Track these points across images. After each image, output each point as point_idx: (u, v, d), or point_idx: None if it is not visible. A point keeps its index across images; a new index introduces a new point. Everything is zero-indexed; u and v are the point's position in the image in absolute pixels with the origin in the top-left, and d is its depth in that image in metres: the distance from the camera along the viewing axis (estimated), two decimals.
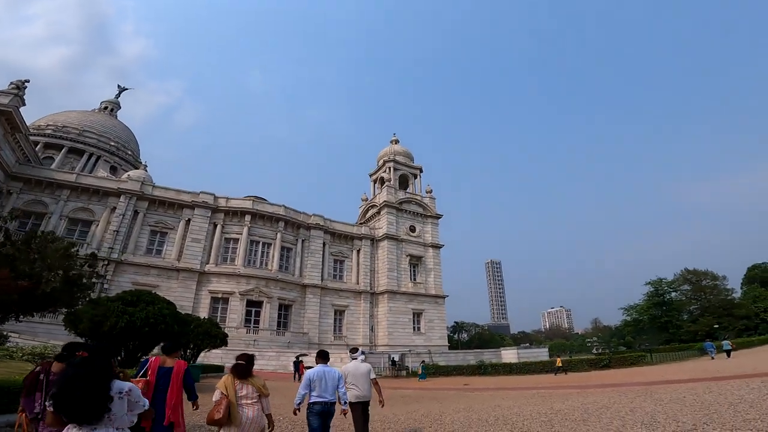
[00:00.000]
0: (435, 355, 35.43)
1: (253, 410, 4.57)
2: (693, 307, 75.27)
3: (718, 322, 64.31)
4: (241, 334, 36.58)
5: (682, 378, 14.88)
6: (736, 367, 17.74)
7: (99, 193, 40.00)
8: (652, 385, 13.12)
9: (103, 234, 38.52)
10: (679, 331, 69.89)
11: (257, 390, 4.67)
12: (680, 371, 19.00)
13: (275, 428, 5.12)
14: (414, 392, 16.26)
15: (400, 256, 51.58)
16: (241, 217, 44.19)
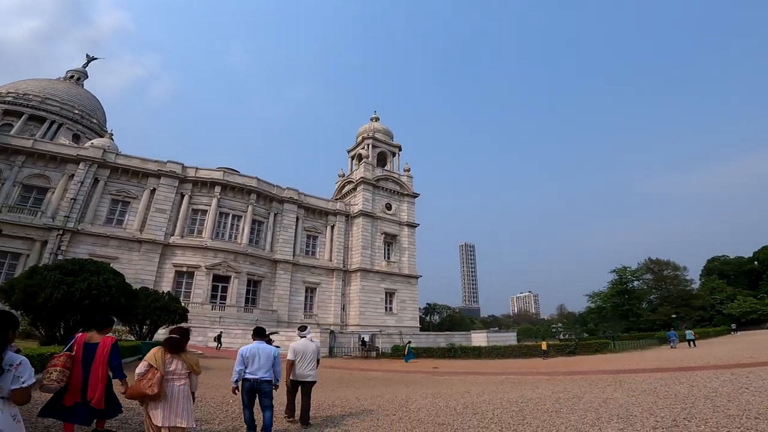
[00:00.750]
0: (406, 337, 35.28)
1: (180, 385, 4.41)
2: (653, 296, 78.41)
3: (675, 312, 67.27)
4: (206, 310, 35.30)
5: (649, 367, 14.91)
6: (698, 357, 18.05)
7: (57, 160, 37.34)
8: (620, 374, 12.98)
9: (59, 202, 36.06)
10: (639, 320, 72.82)
11: (188, 367, 4.51)
12: (645, 360, 19.27)
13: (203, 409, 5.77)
14: (382, 375, 15.74)
15: (375, 234, 50.94)
16: (210, 188, 42.21)
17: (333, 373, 16.57)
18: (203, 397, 9.09)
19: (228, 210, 42.46)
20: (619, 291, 78.24)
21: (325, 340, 29.61)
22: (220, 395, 9.54)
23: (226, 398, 9.07)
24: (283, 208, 46.79)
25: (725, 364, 13.96)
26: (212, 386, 11.02)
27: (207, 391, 10.08)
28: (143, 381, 4.20)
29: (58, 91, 59.05)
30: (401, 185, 55.91)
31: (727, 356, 17.12)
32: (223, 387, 10.72)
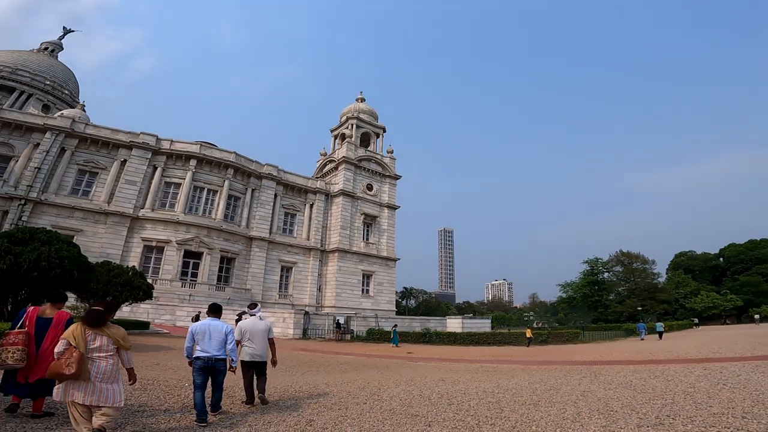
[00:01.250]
0: (382, 320, 35.12)
1: (107, 363, 4.11)
2: (621, 288, 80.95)
3: (641, 305, 69.71)
4: (176, 287, 34.12)
5: (621, 359, 14.98)
6: (667, 350, 18.37)
7: (22, 129, 35.41)
8: (594, 365, 12.92)
9: (23, 171, 34.15)
10: (607, 311, 75.26)
11: (115, 342, 4.19)
12: (615, 351, 19.53)
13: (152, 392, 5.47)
14: (355, 359, 15.32)
15: (355, 214, 50.29)
16: (185, 161, 40.54)
17: (304, 356, 16.06)
18: (157, 379, 8.38)
19: (203, 184, 40.90)
20: (590, 282, 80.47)
21: (299, 321, 29.07)
22: (176, 378, 8.84)
23: (182, 381, 8.38)
24: (262, 184, 45.45)
25: (694, 358, 14.12)
26: (170, 368, 10.30)
27: (163, 372, 9.37)
28: (61, 359, 3.90)
29: (30, 62, 58.33)
30: (383, 166, 55.15)
31: (694, 350, 17.47)
32: (182, 369, 10.02)
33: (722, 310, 65.49)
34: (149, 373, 9.25)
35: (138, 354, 12.18)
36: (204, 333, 5.52)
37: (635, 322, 57.37)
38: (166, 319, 28.36)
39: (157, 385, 7.94)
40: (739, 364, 11.64)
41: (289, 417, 5.89)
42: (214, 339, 5.52)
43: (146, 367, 10.07)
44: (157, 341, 16.93)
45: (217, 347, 5.52)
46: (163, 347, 14.21)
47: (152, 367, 10.13)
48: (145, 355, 12.34)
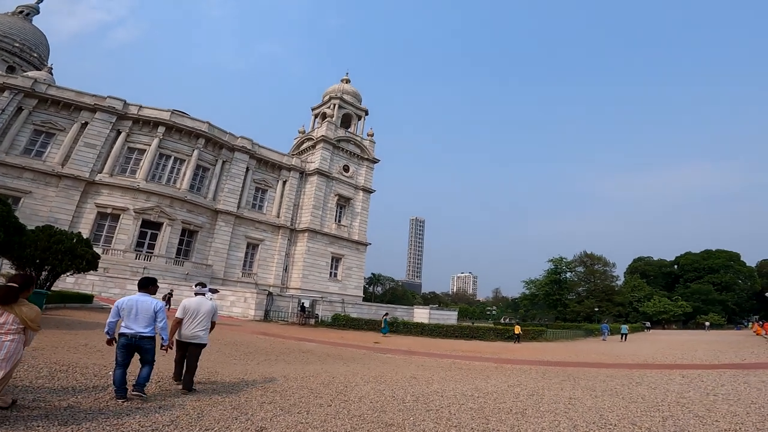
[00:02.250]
0: (348, 306, 34.22)
1: (11, 343, 3.86)
2: (581, 288, 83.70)
3: (598, 306, 72.24)
4: (129, 259, 31.78)
5: (591, 361, 14.68)
6: (632, 353, 18.39)
7: None
8: (567, 367, 12.45)
9: None
10: (566, 310, 77.67)
11: (21, 321, 3.93)
12: (582, 352, 19.43)
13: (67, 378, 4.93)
14: (320, 347, 14.22)
15: (329, 195, 48.80)
16: (153, 128, 37.84)
17: (264, 341, 14.84)
18: (77, 364, 6.99)
19: (170, 152, 38.28)
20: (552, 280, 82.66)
21: (261, 301, 27.67)
22: (102, 363, 7.46)
23: (106, 369, 7.01)
24: (234, 157, 43.11)
25: (665, 363, 13.97)
26: (99, 350, 8.87)
27: (88, 356, 7.99)
28: None
29: (2, 24, 56.17)
30: (362, 149, 53.68)
31: (659, 355, 17.53)
32: (111, 353, 8.64)
33: (671, 316, 68.77)
34: (70, 356, 7.80)
35: (66, 332, 10.63)
36: (131, 309, 5.17)
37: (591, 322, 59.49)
38: (114, 293, 26.21)
39: (76, 370, 6.57)
40: (714, 372, 11.43)
41: (235, 422, 4.76)
42: (141, 316, 5.17)
43: (69, 349, 8.58)
44: (96, 317, 15.18)
45: (144, 324, 5.16)
46: (100, 324, 12.62)
47: (77, 348, 8.66)
48: (74, 334, 10.75)
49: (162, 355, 6.97)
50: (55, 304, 17.27)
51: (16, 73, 47.10)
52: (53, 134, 34.68)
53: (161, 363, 7.32)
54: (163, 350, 5.50)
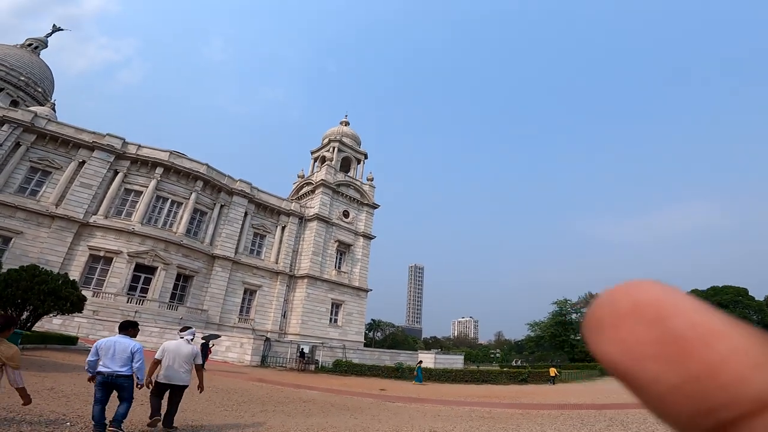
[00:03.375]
0: (350, 351, 32.43)
1: None
2: None
3: None
4: (120, 302, 30.42)
5: (627, 402, 13.29)
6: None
7: None
8: (605, 410, 11.18)
9: None
10: (574, 350, 74.95)
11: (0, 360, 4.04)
12: (611, 391, 17.87)
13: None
14: (321, 395, 12.89)
15: (328, 241, 47.91)
16: (151, 168, 37.67)
17: (260, 388, 13.51)
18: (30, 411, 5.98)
19: (168, 195, 37.90)
20: (558, 322, 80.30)
21: (258, 347, 26.09)
22: (64, 410, 6.44)
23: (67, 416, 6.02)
24: (232, 201, 42.73)
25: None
26: (64, 395, 7.82)
27: (49, 401, 6.93)
28: None
29: (9, 57, 55.38)
30: (362, 194, 53.52)
31: None
32: (80, 397, 7.60)
33: None
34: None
35: (35, 374, 9.50)
36: (108, 349, 5.41)
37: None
38: (103, 335, 24.66)
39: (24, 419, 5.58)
40: None
41: None
42: (117, 356, 5.38)
43: (30, 393, 7.53)
44: (75, 360, 13.94)
45: (121, 364, 5.36)
46: (78, 367, 11.47)
47: (40, 392, 7.58)
48: (43, 376, 9.62)
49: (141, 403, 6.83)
50: (34, 344, 16.15)
51: (19, 108, 47.57)
52: (49, 172, 34.21)
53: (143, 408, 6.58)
54: (137, 387, 5.62)
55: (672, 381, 0.12)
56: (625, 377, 0.13)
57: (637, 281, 0.15)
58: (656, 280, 0.16)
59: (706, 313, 0.13)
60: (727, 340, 0.12)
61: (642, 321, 0.14)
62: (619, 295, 0.15)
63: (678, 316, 0.13)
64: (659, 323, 0.13)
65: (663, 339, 0.13)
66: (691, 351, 0.13)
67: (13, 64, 54.93)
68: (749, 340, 0.12)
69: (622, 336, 0.14)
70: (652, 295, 0.14)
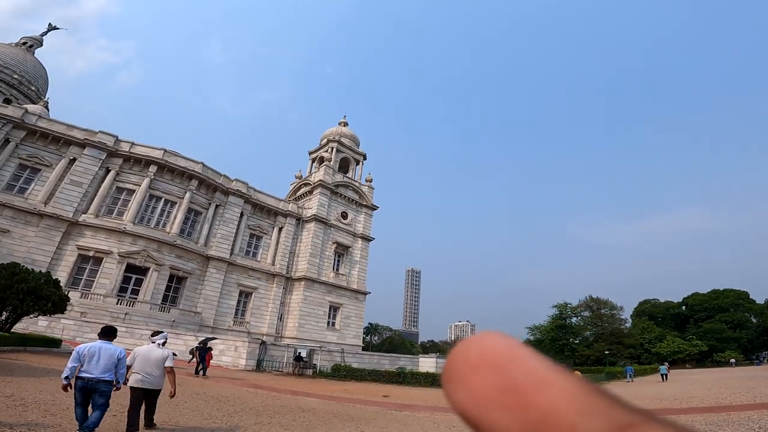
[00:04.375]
0: (348, 355, 31.39)
1: None
2: (589, 333, 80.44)
3: (608, 349, 68.91)
4: (109, 304, 29.27)
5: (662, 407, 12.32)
6: (690, 395, 15.95)
7: None
8: None
9: None
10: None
11: None
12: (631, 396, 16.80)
13: None
14: (321, 403, 11.86)
15: (326, 242, 46.86)
16: (145, 167, 36.65)
17: (254, 396, 12.46)
18: None
19: (161, 194, 36.84)
20: (558, 325, 79.48)
21: (254, 350, 25.02)
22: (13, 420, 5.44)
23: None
24: (228, 201, 41.67)
25: (740, 404, 11.61)
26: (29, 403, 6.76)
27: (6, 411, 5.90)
28: None
29: (4, 54, 54.56)
30: (361, 195, 52.56)
31: (716, 395, 15.07)
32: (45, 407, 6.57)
33: (686, 355, 65.85)
34: None
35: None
36: (93, 355, 5.40)
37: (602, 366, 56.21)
38: (90, 338, 23.51)
39: None
40: None
41: None
42: (102, 362, 5.40)
43: None
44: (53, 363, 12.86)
45: (103, 370, 5.39)
46: (53, 371, 10.46)
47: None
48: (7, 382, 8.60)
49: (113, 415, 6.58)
50: (11, 347, 15.09)
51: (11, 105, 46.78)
52: (39, 170, 33.14)
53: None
54: (116, 389, 5.64)
55: (514, 429, 0.14)
56: (476, 426, 0.14)
57: (484, 333, 0.16)
58: (501, 332, 0.17)
59: (540, 362, 0.14)
60: (557, 387, 0.13)
61: (487, 371, 0.14)
62: (469, 347, 0.15)
63: (516, 366, 0.14)
64: (501, 372, 0.14)
65: (505, 388, 0.14)
66: (528, 399, 0.14)
67: (7, 62, 53.98)
68: (577, 387, 0.14)
69: (472, 386, 0.14)
70: (495, 345, 0.14)
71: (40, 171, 33.39)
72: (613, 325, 76.77)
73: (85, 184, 33.71)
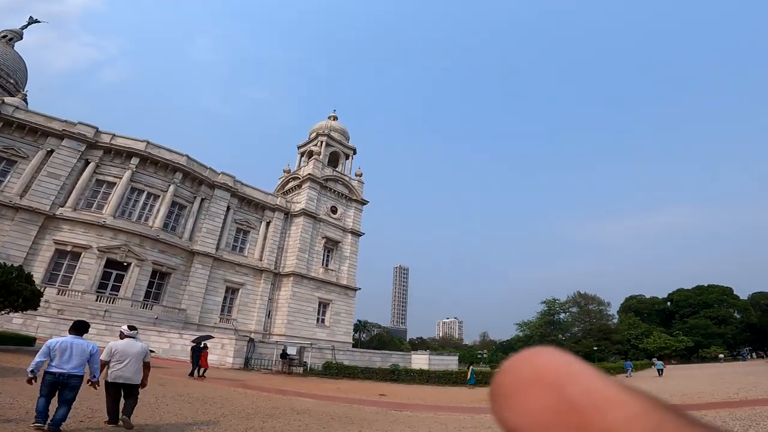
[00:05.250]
0: (339, 353, 30.60)
1: None
2: (577, 328, 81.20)
3: (596, 345, 69.57)
4: (88, 300, 27.89)
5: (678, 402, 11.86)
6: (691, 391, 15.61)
7: None
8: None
9: None
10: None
11: None
12: None
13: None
14: (316, 405, 11.02)
15: (315, 237, 45.88)
16: (126, 159, 35.18)
17: (244, 397, 11.58)
18: None
19: (144, 187, 35.44)
20: (547, 321, 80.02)
21: (241, 348, 24.06)
22: None
23: None
24: (214, 195, 40.35)
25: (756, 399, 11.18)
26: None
27: None
28: None
29: None
30: (351, 189, 51.67)
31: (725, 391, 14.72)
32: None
33: (673, 351, 66.66)
34: None
35: None
36: (65, 350, 5.34)
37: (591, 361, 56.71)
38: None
39: None
40: None
41: None
42: (74, 357, 5.36)
43: None
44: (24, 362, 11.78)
45: (75, 365, 5.34)
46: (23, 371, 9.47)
47: None
48: None
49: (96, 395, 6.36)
50: None
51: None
52: (15, 162, 31.55)
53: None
54: (90, 385, 5.59)
55: None
56: None
57: (537, 349, 0.16)
58: (555, 349, 0.17)
59: (601, 380, 0.14)
60: (622, 408, 0.13)
61: (542, 389, 0.14)
62: (522, 363, 0.15)
63: (574, 384, 0.14)
64: (557, 391, 0.14)
65: (562, 407, 0.13)
66: (589, 420, 0.13)
67: None
68: (642, 406, 0.13)
69: (524, 404, 0.14)
70: (551, 363, 0.14)
71: (17, 163, 31.82)
72: (601, 321, 77.47)
73: (63, 177, 32.18)
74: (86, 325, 5.91)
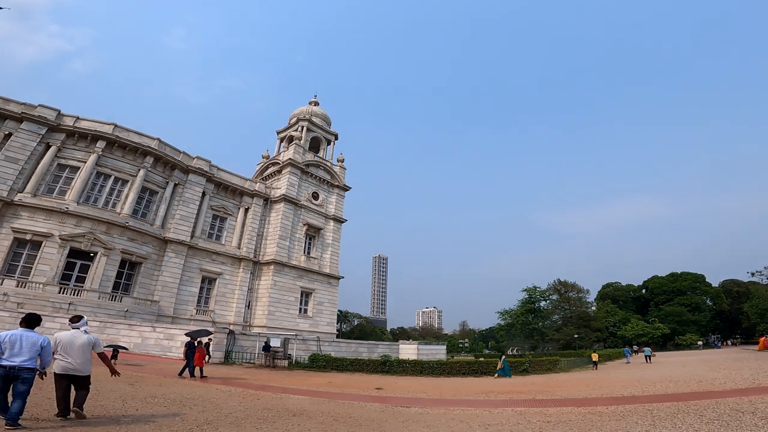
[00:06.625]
0: (324, 344, 29.31)
1: None
2: (557, 316, 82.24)
3: (577, 333, 70.59)
4: (50, 293, 25.57)
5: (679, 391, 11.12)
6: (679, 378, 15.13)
7: None
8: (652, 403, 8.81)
9: None
10: (544, 338, 75.72)
11: None
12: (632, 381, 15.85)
13: None
14: (310, 402, 9.69)
15: (296, 224, 44.19)
16: (91, 142, 32.56)
17: (228, 396, 10.16)
18: None
19: (110, 171, 32.93)
20: (528, 309, 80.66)
21: (221, 341, 22.45)
22: None
23: None
24: (188, 180, 38.01)
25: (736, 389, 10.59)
26: None
27: None
28: None
29: None
30: (333, 175, 50.05)
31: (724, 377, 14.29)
32: None
33: (650, 338, 68.22)
34: None
35: None
36: (14, 343, 5.36)
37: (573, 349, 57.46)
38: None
39: None
40: None
41: None
42: (24, 349, 5.37)
43: None
44: None
45: (26, 357, 5.36)
46: None
47: None
48: None
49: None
50: None
51: None
52: None
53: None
54: (39, 376, 5.65)
55: None
56: None
57: None
58: None
59: None
60: None
61: None
62: None
63: None
64: None
65: None
66: None
67: None
68: None
69: None
70: None
71: None
72: (581, 309, 78.63)
73: (21, 161, 29.47)
74: (38, 318, 5.84)
